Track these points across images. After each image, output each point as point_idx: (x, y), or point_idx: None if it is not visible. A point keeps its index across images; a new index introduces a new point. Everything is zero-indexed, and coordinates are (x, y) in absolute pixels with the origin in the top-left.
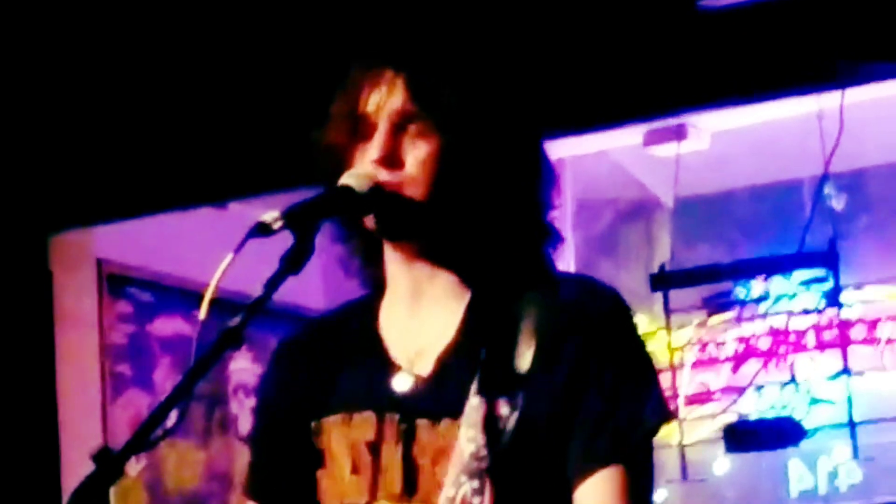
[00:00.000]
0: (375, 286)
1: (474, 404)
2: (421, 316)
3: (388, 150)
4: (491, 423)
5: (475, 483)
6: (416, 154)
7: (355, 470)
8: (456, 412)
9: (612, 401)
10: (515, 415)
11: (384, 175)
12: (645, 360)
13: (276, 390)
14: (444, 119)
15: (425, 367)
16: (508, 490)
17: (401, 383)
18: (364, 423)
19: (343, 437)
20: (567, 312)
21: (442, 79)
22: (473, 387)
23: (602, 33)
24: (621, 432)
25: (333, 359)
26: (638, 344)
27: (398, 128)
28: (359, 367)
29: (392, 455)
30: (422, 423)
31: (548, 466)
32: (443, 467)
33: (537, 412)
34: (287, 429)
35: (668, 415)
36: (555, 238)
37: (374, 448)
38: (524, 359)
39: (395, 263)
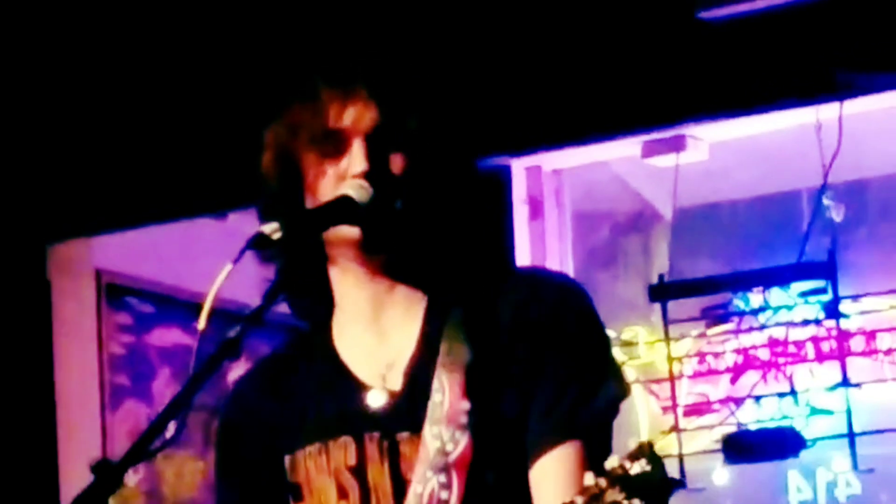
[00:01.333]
0: (322, 308)
1: (436, 401)
2: (383, 331)
3: (370, 164)
4: (454, 417)
5: (442, 477)
6: (393, 169)
7: (342, 495)
8: (426, 417)
9: (564, 380)
10: (476, 406)
11: (360, 184)
12: (599, 339)
13: (239, 430)
14: (409, 139)
15: (396, 382)
16: (477, 480)
17: (375, 400)
18: (342, 449)
19: (322, 466)
20: (521, 302)
21: (409, 103)
22: (434, 384)
23: (600, 44)
24: (575, 408)
25: (296, 391)
26: (591, 324)
27: (373, 145)
28: (325, 394)
29: (379, 474)
30: (402, 436)
31: (514, 454)
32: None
33: (499, 401)
34: (256, 468)
35: (624, 390)
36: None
37: (359, 471)
38: (483, 351)
39: (348, 282)
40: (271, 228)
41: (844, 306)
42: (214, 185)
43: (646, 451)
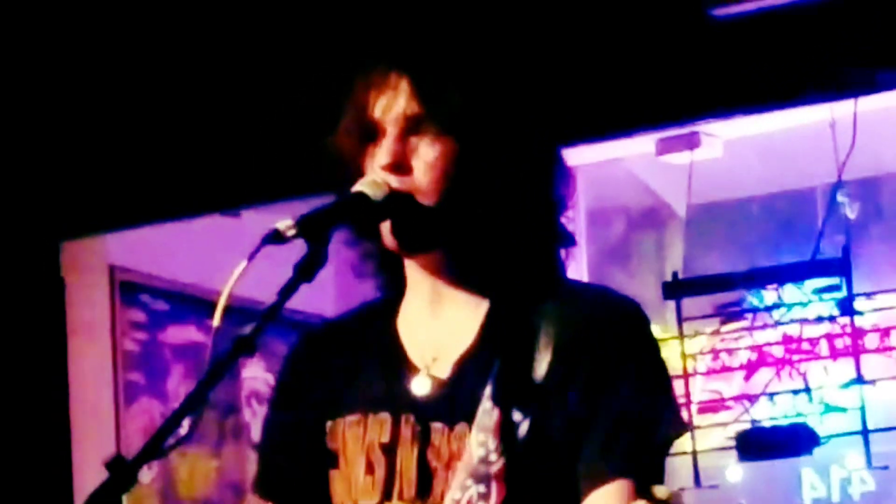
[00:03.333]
0: (394, 288)
1: (486, 408)
2: (441, 320)
3: (396, 156)
4: (503, 429)
5: (481, 487)
6: (425, 158)
7: (369, 471)
8: (470, 417)
9: (626, 412)
10: (527, 422)
11: (394, 181)
12: (660, 372)
13: (291, 388)
14: (450, 121)
15: (443, 371)
16: (516, 496)
17: (419, 386)
18: (380, 425)
19: (358, 438)
20: (585, 323)
21: (448, 80)
22: (487, 391)
23: (614, 41)
24: (634, 444)
25: (350, 359)
26: (654, 355)
27: (406, 132)
28: (376, 368)
29: (407, 457)
30: (436, 426)
31: (557, 475)
32: (453, 472)
33: (550, 421)
34: (301, 427)
35: (682, 427)
36: (568, 240)
37: (390, 449)
38: (540, 368)
39: (415, 271)
40: (285, 225)
41: (859, 303)
42: (228, 182)
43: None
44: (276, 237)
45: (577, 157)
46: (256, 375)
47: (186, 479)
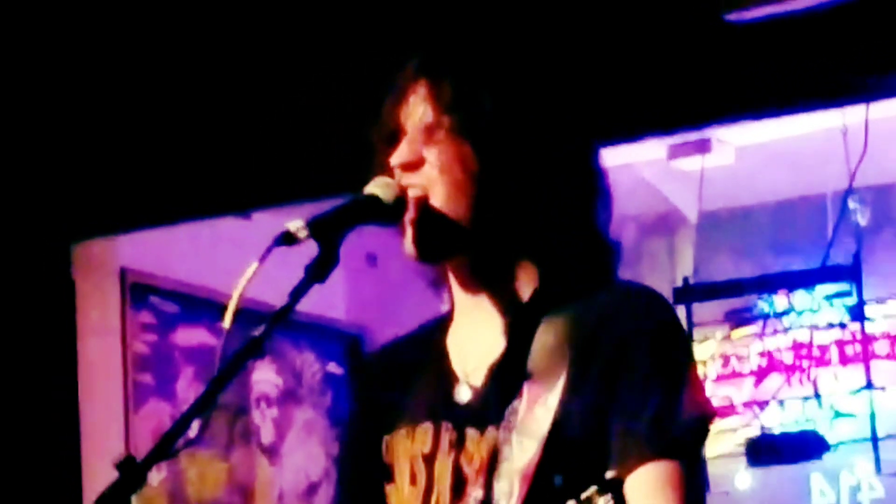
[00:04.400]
0: (451, 303)
1: (514, 407)
2: (477, 328)
3: (410, 155)
4: (530, 428)
5: (503, 485)
6: (440, 157)
7: (413, 481)
8: (500, 420)
9: (650, 392)
10: (550, 416)
11: (406, 180)
12: (681, 360)
13: (356, 411)
14: (470, 123)
15: (479, 378)
16: (538, 492)
17: (460, 394)
18: (423, 435)
19: (406, 450)
20: (604, 314)
21: (467, 83)
22: (514, 391)
23: (626, 46)
24: (663, 422)
25: (406, 376)
26: (673, 342)
27: (424, 135)
28: (426, 382)
29: (444, 465)
30: (470, 432)
31: (577, 470)
32: (481, 476)
33: (572, 413)
34: (366, 447)
35: (710, 409)
36: (611, 252)
37: (430, 459)
38: (561, 364)
39: (453, 283)
40: (296, 227)
41: (869, 310)
42: (239, 184)
43: (614, 486)
44: (286, 239)
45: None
46: (266, 378)
47: (195, 481)
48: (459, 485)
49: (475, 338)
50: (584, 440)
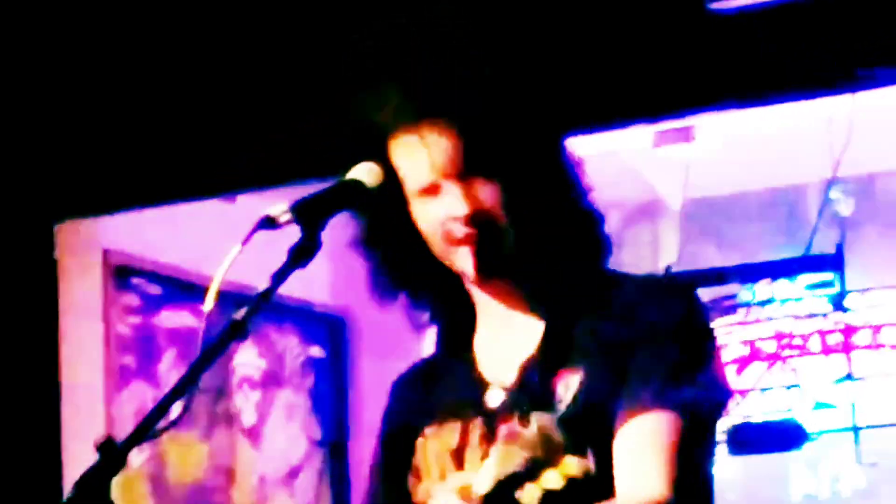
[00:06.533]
0: (463, 317)
1: (559, 397)
2: (512, 332)
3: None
4: (547, 405)
5: (518, 464)
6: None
7: (442, 477)
8: (531, 411)
9: (664, 357)
10: (571, 393)
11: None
12: (703, 340)
13: (389, 424)
14: (496, 162)
15: (509, 378)
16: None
17: (492, 398)
18: (451, 432)
19: (434, 447)
20: (626, 312)
21: (478, 118)
22: (555, 384)
23: (612, 34)
24: (674, 376)
25: (437, 388)
26: (695, 327)
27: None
28: (456, 389)
29: (475, 458)
30: (502, 428)
31: (604, 453)
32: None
33: (592, 390)
34: (399, 459)
35: (724, 386)
36: (606, 248)
37: (458, 454)
38: (588, 354)
39: (483, 296)
40: (279, 211)
41: (851, 300)
42: (223, 166)
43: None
44: (269, 222)
45: (572, 149)
46: (248, 361)
47: (177, 463)
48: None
49: (506, 342)
50: (600, 413)
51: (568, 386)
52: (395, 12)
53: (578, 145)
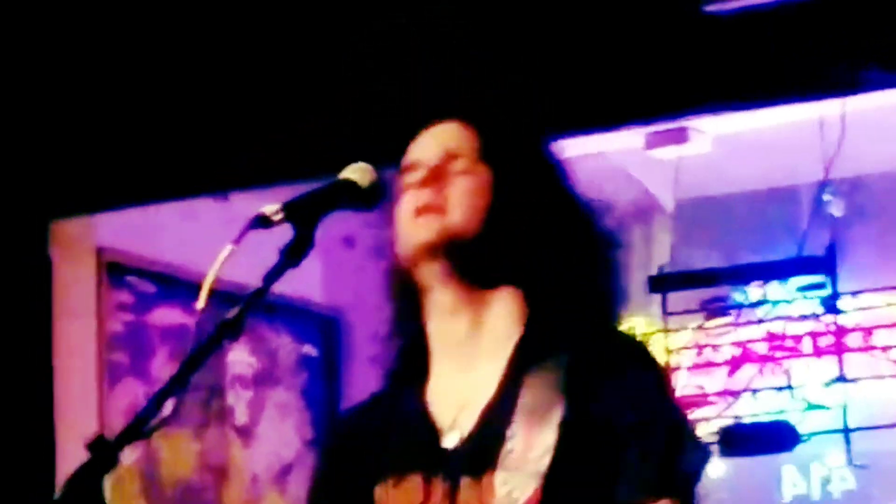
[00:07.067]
0: (417, 356)
1: (509, 449)
2: (471, 366)
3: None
4: (526, 464)
5: None
6: (460, 190)
7: None
8: (495, 464)
9: (655, 443)
10: (549, 454)
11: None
12: (676, 407)
13: (335, 463)
14: (495, 147)
15: (468, 424)
16: None
17: (448, 441)
18: (412, 486)
19: (396, 501)
20: (600, 362)
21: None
22: (509, 431)
23: (605, 35)
24: (667, 467)
25: (387, 426)
26: (669, 393)
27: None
28: (404, 437)
29: None
30: (465, 481)
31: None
32: None
33: (570, 452)
34: (344, 498)
35: (707, 453)
36: (610, 300)
37: None
38: (556, 405)
39: (439, 313)
40: (272, 210)
41: (843, 302)
42: (217, 165)
43: None
44: (262, 221)
45: (565, 150)
46: (241, 359)
47: (169, 461)
48: None
49: (460, 386)
50: (582, 479)
51: (532, 445)
52: (395, 12)
53: (571, 146)
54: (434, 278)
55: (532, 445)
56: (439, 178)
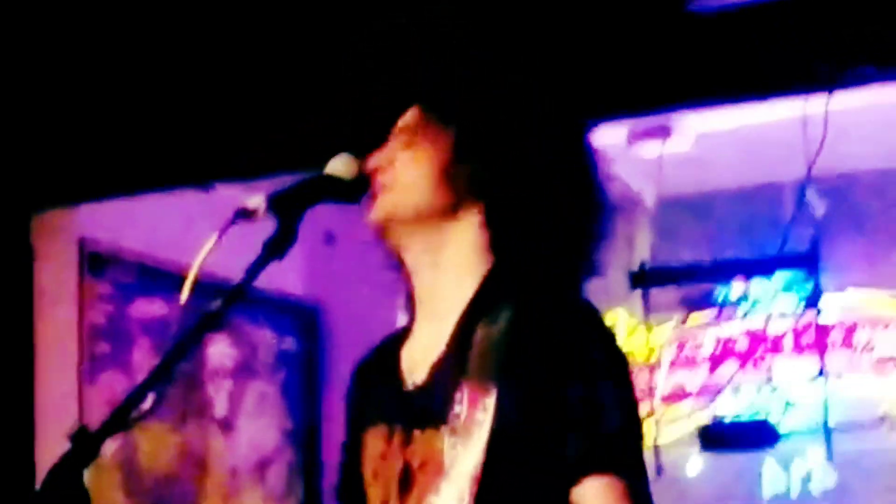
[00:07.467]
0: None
1: (456, 412)
2: (427, 331)
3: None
4: (469, 429)
5: (452, 489)
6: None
7: (375, 478)
8: (440, 421)
9: (599, 411)
10: (489, 421)
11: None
12: (629, 381)
13: (348, 409)
14: (453, 109)
15: (421, 376)
16: (488, 494)
17: (408, 393)
18: (379, 436)
19: (370, 448)
20: (548, 327)
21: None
22: (457, 395)
23: (589, 31)
24: (613, 438)
25: (371, 383)
26: (622, 364)
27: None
28: (382, 386)
29: (394, 465)
30: (416, 432)
31: (522, 475)
32: (427, 475)
33: (511, 419)
34: (353, 444)
35: (638, 420)
36: (589, 270)
37: (385, 457)
38: (498, 369)
39: (418, 291)
40: (256, 202)
41: (825, 299)
42: (201, 155)
43: None
44: (246, 214)
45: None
46: (221, 351)
47: (149, 453)
48: (406, 484)
49: (424, 340)
50: (524, 447)
51: (474, 416)
52: (395, 12)
53: None
54: (398, 246)
55: (476, 411)
56: (390, 158)
